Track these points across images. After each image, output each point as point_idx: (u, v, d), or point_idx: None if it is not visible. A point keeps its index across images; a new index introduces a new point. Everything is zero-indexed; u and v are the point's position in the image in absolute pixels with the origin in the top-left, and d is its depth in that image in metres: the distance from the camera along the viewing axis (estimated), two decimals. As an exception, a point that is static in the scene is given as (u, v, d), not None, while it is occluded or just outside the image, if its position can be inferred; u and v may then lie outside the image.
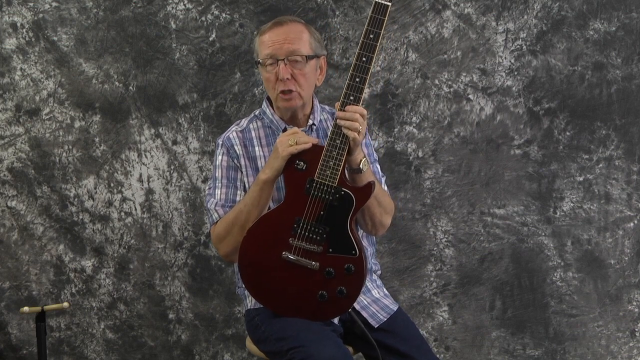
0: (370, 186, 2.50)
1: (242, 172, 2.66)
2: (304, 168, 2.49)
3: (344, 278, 2.49)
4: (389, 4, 2.43)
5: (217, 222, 2.64)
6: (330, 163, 2.45)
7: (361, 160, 2.52)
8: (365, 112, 2.46)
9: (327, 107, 2.81)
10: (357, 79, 2.45)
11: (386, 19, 2.42)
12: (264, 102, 2.74)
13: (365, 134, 2.59)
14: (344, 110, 2.45)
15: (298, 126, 2.68)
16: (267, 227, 2.51)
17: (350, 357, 2.46)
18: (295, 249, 2.49)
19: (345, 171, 2.52)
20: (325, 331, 2.51)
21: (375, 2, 2.42)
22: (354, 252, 2.48)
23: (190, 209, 3.66)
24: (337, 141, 2.45)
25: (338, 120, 2.45)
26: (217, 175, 2.68)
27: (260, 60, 2.62)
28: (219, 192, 2.66)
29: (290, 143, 2.48)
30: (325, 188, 2.46)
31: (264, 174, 2.53)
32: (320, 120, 2.73)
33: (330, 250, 2.49)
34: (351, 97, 2.45)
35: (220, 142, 2.70)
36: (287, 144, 2.48)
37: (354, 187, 2.49)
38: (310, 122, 2.69)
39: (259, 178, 2.54)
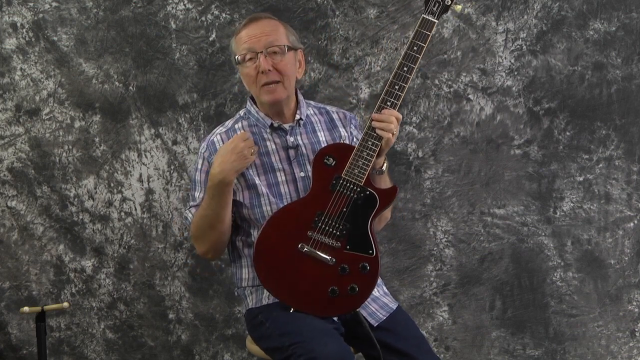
0: (395, 190, 2.57)
1: None
2: (332, 164, 2.55)
3: (358, 276, 2.51)
4: (436, 20, 2.52)
5: (191, 222, 2.70)
6: (360, 162, 2.52)
7: (384, 163, 2.60)
8: (400, 116, 2.54)
9: (312, 102, 2.81)
10: (397, 87, 2.52)
11: (431, 34, 2.51)
12: (248, 101, 2.74)
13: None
14: (380, 114, 2.51)
15: (285, 122, 2.68)
16: (289, 218, 2.55)
17: (352, 355, 2.46)
18: (313, 242, 2.52)
19: None
20: (327, 328, 2.51)
21: (423, 17, 2.52)
22: (371, 251, 2.52)
23: (190, 209, 3.66)
24: (369, 142, 2.52)
25: (373, 122, 2.51)
26: (196, 178, 2.72)
27: (238, 57, 2.63)
28: (197, 195, 2.70)
29: (250, 153, 2.56)
30: (351, 186, 2.52)
31: (221, 176, 2.56)
32: (307, 115, 2.74)
33: (348, 247, 2.52)
34: (388, 103, 2.53)
35: (204, 146, 2.72)
36: (247, 153, 2.56)
37: (379, 189, 2.55)
38: (297, 117, 2.69)
39: (218, 180, 2.57)
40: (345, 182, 2.52)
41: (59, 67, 3.58)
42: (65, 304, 3.00)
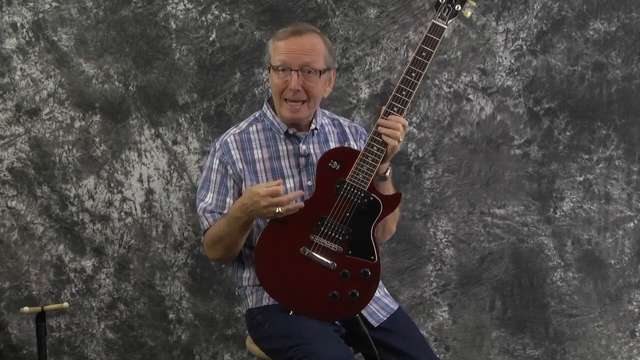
0: (399, 196, 2.57)
1: (233, 180, 2.66)
2: (337, 168, 2.54)
3: (359, 282, 2.51)
4: (445, 26, 2.50)
5: (207, 229, 2.66)
6: (364, 168, 2.50)
7: (387, 169, 2.59)
8: (406, 123, 2.53)
9: (327, 112, 2.82)
10: (404, 92, 2.50)
11: (440, 39, 2.49)
12: (265, 104, 2.73)
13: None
14: (386, 119, 2.49)
15: (300, 130, 2.68)
16: (291, 220, 2.53)
17: (352, 357, 2.46)
18: (315, 246, 2.51)
19: None
20: (328, 330, 2.51)
21: (433, 22, 2.51)
22: (372, 257, 2.52)
23: (190, 209, 3.65)
24: (374, 148, 2.51)
25: (379, 128, 2.49)
26: (209, 177, 2.70)
27: (273, 65, 2.62)
28: (210, 196, 2.67)
29: (277, 211, 2.46)
30: (355, 191, 2.51)
31: (240, 214, 2.51)
32: (322, 125, 2.74)
33: (350, 252, 2.52)
34: (395, 108, 2.50)
35: (218, 146, 2.71)
36: (273, 210, 2.46)
37: (383, 195, 2.54)
38: (313, 126, 2.70)
39: (237, 216, 2.52)
40: (349, 187, 2.51)
41: (59, 67, 3.58)
42: (65, 304, 2.99)
